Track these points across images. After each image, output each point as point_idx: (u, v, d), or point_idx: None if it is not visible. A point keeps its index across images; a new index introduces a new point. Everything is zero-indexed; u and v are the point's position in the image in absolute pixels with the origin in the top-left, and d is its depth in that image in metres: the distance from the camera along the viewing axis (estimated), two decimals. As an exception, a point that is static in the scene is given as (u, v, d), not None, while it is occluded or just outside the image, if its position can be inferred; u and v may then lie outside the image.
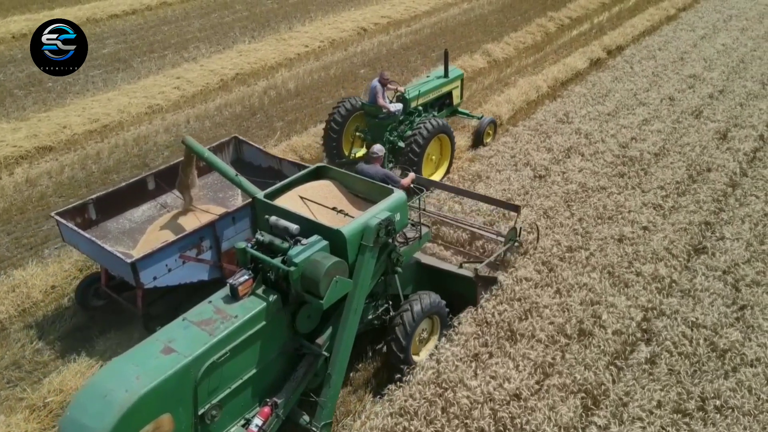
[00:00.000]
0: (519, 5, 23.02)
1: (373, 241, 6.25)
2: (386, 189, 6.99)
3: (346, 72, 16.76)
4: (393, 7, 22.13)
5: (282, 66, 17.12)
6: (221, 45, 18.70)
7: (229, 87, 15.77)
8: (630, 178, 10.82)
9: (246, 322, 5.72)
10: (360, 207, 7.11)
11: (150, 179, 8.67)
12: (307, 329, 6.33)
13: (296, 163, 9.17)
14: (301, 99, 15.17)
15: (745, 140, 12.02)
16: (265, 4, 23.10)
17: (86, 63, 17.06)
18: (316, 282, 5.74)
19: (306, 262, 5.83)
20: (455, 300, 7.77)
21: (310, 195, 7.05)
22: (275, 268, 5.96)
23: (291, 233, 6.12)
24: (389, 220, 6.36)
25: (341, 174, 7.46)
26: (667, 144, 11.96)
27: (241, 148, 9.78)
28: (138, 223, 8.49)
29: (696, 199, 10.16)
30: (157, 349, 5.42)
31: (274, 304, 5.94)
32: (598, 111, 13.37)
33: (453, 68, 12.29)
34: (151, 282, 7.17)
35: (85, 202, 8.09)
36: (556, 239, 9.12)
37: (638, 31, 19.41)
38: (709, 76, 15.22)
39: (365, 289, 6.44)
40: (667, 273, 8.42)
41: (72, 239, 7.80)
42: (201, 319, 5.70)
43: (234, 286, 5.87)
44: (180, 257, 7.38)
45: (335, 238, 6.13)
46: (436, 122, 10.50)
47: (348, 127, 11.29)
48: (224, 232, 7.77)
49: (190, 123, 13.89)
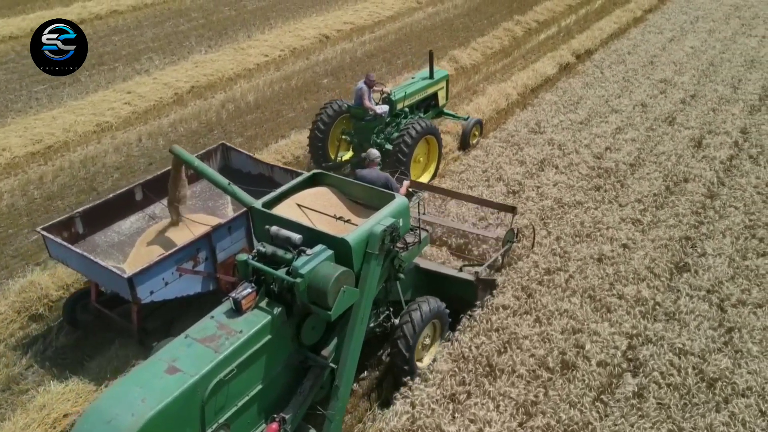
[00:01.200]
0: (485, 8, 22.79)
1: (378, 248, 6.18)
2: (388, 194, 6.90)
3: (309, 82, 16.24)
4: (356, 13, 21.67)
5: (240, 77, 16.50)
6: (176, 56, 17.99)
7: (185, 101, 15.10)
8: (606, 191, 10.55)
9: (251, 337, 5.62)
10: (360, 213, 7.03)
11: (137, 190, 8.52)
12: (312, 341, 6.26)
13: (289, 170, 9.08)
14: (261, 112, 14.60)
15: (720, 147, 11.87)
16: (222, 11, 22.42)
17: (29, 78, 16.38)
18: (324, 293, 5.65)
19: (312, 272, 5.73)
20: (455, 303, 7.65)
21: (307, 203, 6.92)
22: (280, 280, 5.87)
23: (294, 243, 6.00)
24: (394, 226, 6.30)
25: (338, 180, 7.35)
26: (642, 153, 11.74)
27: (228, 155, 9.61)
28: (127, 236, 8.37)
29: (675, 212, 9.92)
30: (161, 369, 5.27)
31: (278, 317, 5.85)
32: (571, 119, 13.11)
33: (438, 69, 12.29)
34: (148, 297, 7.05)
35: (72, 216, 7.91)
36: (534, 261, 8.77)
37: (606, 34, 19.31)
38: (680, 80, 15.12)
39: (371, 298, 6.36)
40: (650, 295, 8.12)
41: (60, 255, 7.60)
42: (204, 336, 5.57)
43: (237, 299, 5.75)
44: (177, 270, 7.29)
45: (340, 247, 6.03)
46: (423, 124, 10.45)
47: (334, 131, 11.20)
48: (220, 242, 7.70)
49: (142, 141, 13.21)
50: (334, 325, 6.32)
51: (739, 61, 16.31)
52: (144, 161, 12.44)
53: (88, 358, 7.76)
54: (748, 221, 9.70)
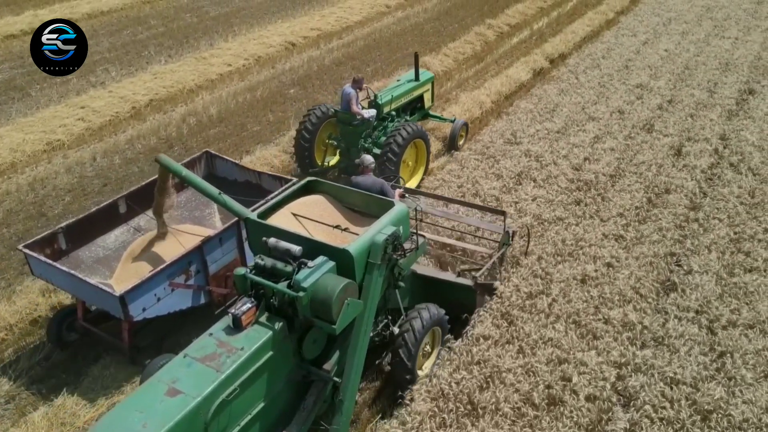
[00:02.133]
0: (455, 12, 22.50)
1: (380, 258, 6.10)
2: (386, 202, 6.83)
3: (274, 93, 15.70)
4: (323, 18, 21.19)
5: (202, 89, 15.88)
6: (133, 66, 17.29)
7: (143, 115, 14.44)
8: (587, 205, 10.22)
9: (253, 354, 5.50)
10: (356, 221, 6.96)
11: (121, 202, 8.41)
12: (314, 355, 6.17)
13: (277, 176, 8.99)
14: (225, 126, 14.02)
15: (700, 155, 11.66)
16: (183, 18, 21.73)
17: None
18: (328, 307, 5.55)
19: (315, 285, 5.63)
20: (454, 309, 7.56)
21: (303, 211, 6.81)
22: (280, 294, 5.78)
23: (293, 255, 5.89)
24: (395, 234, 6.23)
25: (333, 187, 7.26)
26: (622, 164, 11.47)
27: (213, 162, 9.50)
28: (112, 250, 8.22)
29: (658, 226, 9.63)
30: (162, 392, 5.13)
31: (280, 332, 5.74)
32: (547, 129, 12.80)
33: (423, 71, 12.31)
34: (140, 314, 6.91)
35: (55, 232, 7.73)
36: (515, 284, 8.36)
37: (579, 37, 19.14)
38: (656, 85, 14.95)
39: (374, 309, 6.27)
40: (637, 318, 7.79)
41: (44, 273, 7.42)
42: (204, 354, 5.43)
43: (237, 315, 5.63)
44: (169, 285, 7.16)
45: (342, 258, 5.91)
46: (411, 127, 10.40)
47: (319, 136, 11.15)
48: (211, 254, 7.60)
49: (96, 160, 12.53)
50: (335, 338, 6.20)
51: (713, 64, 16.22)
52: (98, 182, 11.78)
53: (77, 377, 7.59)
54: (733, 234, 9.45)
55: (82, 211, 10.69)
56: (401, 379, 6.90)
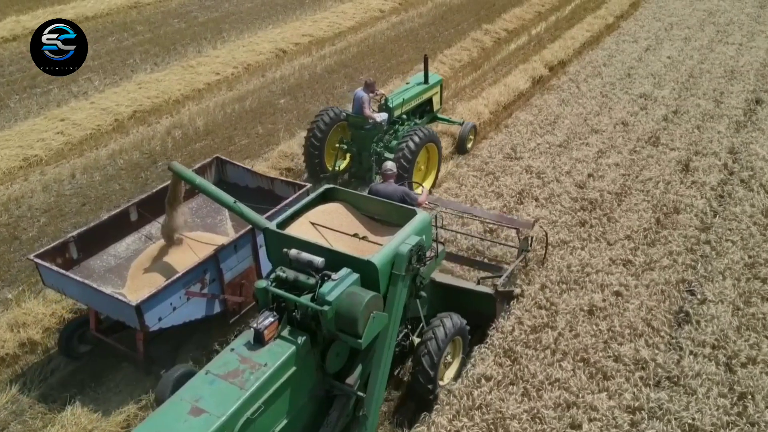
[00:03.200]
0: (451, 17, 21.98)
1: (405, 269, 5.96)
2: (408, 210, 6.71)
3: (264, 103, 15.14)
4: (315, 24, 20.62)
5: (189, 99, 15.30)
6: (118, 75, 16.70)
7: (126, 128, 13.86)
8: (593, 226, 9.72)
9: (277, 370, 5.40)
10: (376, 230, 6.87)
11: (132, 210, 8.31)
12: (337, 368, 6.05)
13: (290, 182, 8.93)
14: (212, 139, 13.46)
15: (709, 171, 11.17)
16: (171, 24, 21.14)
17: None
18: (354, 321, 5.42)
19: (340, 299, 5.50)
20: (473, 317, 7.38)
21: (321, 220, 6.71)
22: (304, 307, 5.66)
23: (316, 267, 5.78)
24: (420, 245, 6.10)
25: (351, 195, 7.18)
26: (628, 180, 10.96)
27: (224, 168, 9.41)
28: (123, 259, 8.13)
29: (668, 250, 9.13)
30: (185, 411, 5.02)
31: (303, 346, 5.63)
32: (548, 142, 12.29)
33: (432, 74, 12.34)
34: (156, 324, 6.81)
35: (66, 241, 7.63)
36: (517, 316, 7.85)
37: (579, 43, 18.64)
38: (660, 94, 14.46)
39: (398, 321, 6.17)
40: (649, 355, 7.27)
41: (56, 283, 7.31)
42: (227, 371, 5.33)
43: (259, 330, 5.51)
44: (186, 294, 7.06)
45: (366, 270, 5.79)
46: (424, 131, 10.33)
47: (329, 140, 11.01)
48: (226, 262, 7.50)
49: (75, 177, 11.95)
50: (357, 351, 6.06)
51: (718, 72, 15.75)
52: (77, 201, 11.21)
53: (90, 389, 7.49)
54: (747, 258, 8.95)
55: (57, 234, 10.23)
56: (423, 390, 6.74)
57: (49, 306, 8.36)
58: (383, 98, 11.08)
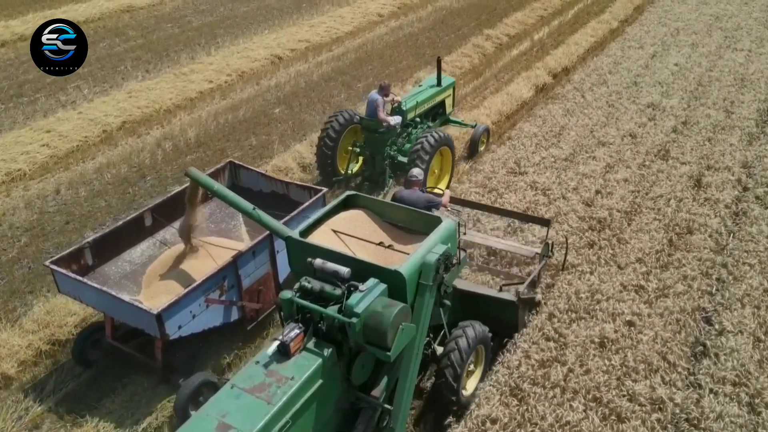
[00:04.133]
0: (451, 21, 21.50)
1: (432, 279, 5.86)
2: (433, 218, 6.64)
3: (258, 113, 14.65)
4: (312, 29, 20.14)
5: (181, 108, 14.82)
6: (108, 83, 16.20)
7: (114, 140, 13.37)
8: (602, 248, 9.24)
9: (304, 383, 5.30)
10: (399, 238, 6.81)
11: (147, 215, 8.25)
12: (362, 380, 5.98)
13: (306, 186, 8.90)
14: (204, 151, 12.98)
15: (722, 187, 10.69)
16: (164, 29, 20.64)
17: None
18: (383, 333, 5.32)
19: (368, 311, 5.39)
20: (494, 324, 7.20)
21: (342, 228, 6.62)
22: (330, 319, 5.55)
23: (342, 277, 5.70)
24: (447, 254, 6.02)
25: (373, 202, 7.13)
26: (638, 198, 10.49)
27: (237, 173, 9.38)
28: (138, 265, 8.08)
29: (682, 274, 8.65)
30: (212, 427, 4.91)
31: (329, 359, 5.54)
32: (554, 156, 11.81)
33: (445, 76, 12.29)
34: (176, 332, 6.74)
35: (81, 247, 7.54)
36: (524, 350, 7.38)
37: (583, 49, 18.18)
38: (668, 104, 13.98)
39: (425, 332, 6.09)
40: (667, 394, 6.80)
41: (72, 290, 7.21)
42: (253, 385, 5.22)
43: (285, 342, 5.40)
44: (205, 301, 7.01)
45: (393, 280, 5.69)
46: (438, 135, 10.28)
47: (341, 142, 10.93)
48: (244, 268, 7.44)
49: (60, 193, 11.46)
50: (382, 362, 5.99)
51: (728, 80, 15.28)
52: (60, 219, 10.72)
53: (106, 398, 7.36)
54: (767, 283, 8.47)
55: (38, 255, 9.75)
56: (446, 400, 6.64)
57: (25, 337, 7.90)
58: (396, 101, 10.96)
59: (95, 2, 22.22)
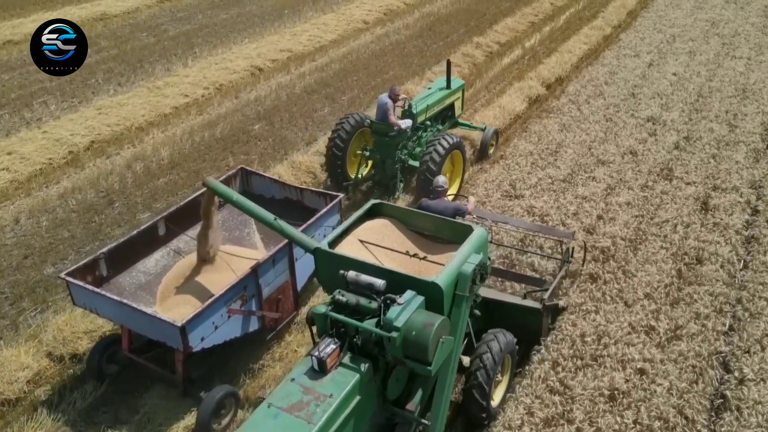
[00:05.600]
0: (439, 28, 20.86)
1: (469, 289, 5.81)
2: (464, 226, 6.55)
3: (237, 130, 13.90)
4: (294, 38, 19.40)
5: (154, 125, 14.03)
6: (77, 98, 15.38)
7: (81, 161, 12.56)
8: (606, 283, 8.58)
9: (343, 400, 5.21)
10: (427, 247, 6.76)
11: (160, 224, 8.15)
12: (397, 395, 5.94)
13: (322, 192, 8.85)
14: (177, 173, 12.20)
15: (731, 210, 10.09)
16: (139, 39, 19.81)
17: None
18: (424, 347, 5.22)
19: (408, 324, 5.28)
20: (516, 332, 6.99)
21: (369, 237, 6.55)
22: (367, 333, 5.47)
23: (377, 290, 5.59)
24: (482, 263, 5.97)
25: (399, 210, 7.08)
26: (642, 223, 9.86)
27: (249, 179, 9.31)
28: (153, 275, 7.98)
29: (695, 311, 8.02)
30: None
31: (366, 374, 5.47)
32: (551, 176, 11.16)
33: (454, 78, 12.23)
34: (199, 344, 6.61)
35: (96, 257, 7.41)
36: (527, 405, 6.71)
37: (577, 58, 17.59)
38: (668, 117, 13.39)
39: (461, 344, 6.03)
40: (687, 458, 6.15)
41: (89, 302, 7.04)
42: (290, 404, 5.13)
43: (322, 359, 5.31)
44: (228, 311, 6.90)
45: (430, 291, 5.59)
46: (449, 139, 10.19)
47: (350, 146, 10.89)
48: (265, 277, 7.34)
49: (19, 223, 10.64)
50: (414, 375, 5.99)
51: (729, 91, 14.72)
52: (18, 254, 9.90)
53: (125, 413, 7.21)
54: (787, 322, 7.86)
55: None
56: (476, 410, 6.55)
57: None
58: (407, 104, 10.92)
59: (66, 10, 21.36)
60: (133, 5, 22.34)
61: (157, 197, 11.39)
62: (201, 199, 8.24)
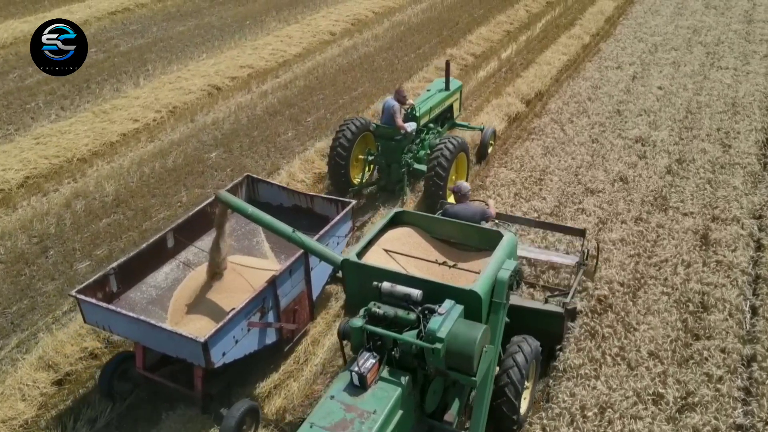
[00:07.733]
0: (410, 38, 19.97)
1: (506, 296, 5.81)
2: (493, 232, 6.62)
3: (191, 159, 12.79)
4: (255, 52, 18.31)
5: (98, 156, 12.85)
6: (13, 125, 14.14)
7: (13, 201, 11.35)
8: (605, 338, 7.71)
9: (387, 416, 5.10)
10: (452, 255, 6.76)
11: (169, 236, 8.04)
12: (434, 406, 5.91)
13: (333, 199, 8.76)
14: (123, 212, 11.06)
15: (734, 245, 9.32)
16: (88, 54, 18.46)
17: None
18: (469, 358, 5.20)
19: (451, 335, 5.23)
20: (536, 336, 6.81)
21: (393, 246, 6.55)
22: (407, 345, 5.40)
23: (414, 300, 5.57)
24: (517, 269, 5.98)
25: (423, 218, 7.08)
26: (639, 264, 9.03)
27: (255, 187, 9.25)
28: (164, 289, 7.87)
29: (706, 373, 7.17)
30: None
31: (407, 387, 5.39)
32: (537, 209, 10.29)
33: (452, 79, 12.28)
34: (220, 359, 6.48)
35: (106, 273, 7.28)
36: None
37: (556, 70, 16.82)
38: (658, 137, 12.64)
39: (498, 352, 5.99)
40: None
41: (101, 320, 6.89)
42: (333, 422, 5.01)
43: (362, 374, 5.21)
44: (248, 325, 6.79)
45: (469, 300, 5.59)
46: (455, 141, 10.17)
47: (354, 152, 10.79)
48: (282, 287, 7.25)
49: (-64, 279, 9.44)
50: (447, 386, 6.05)
51: (719, 106, 14.04)
52: (-67, 317, 8.72)
53: None
54: (808, 383, 7.06)
55: None
56: (506, 419, 6.37)
57: None
58: (410, 107, 10.92)
59: (8, 24, 20.04)
60: (82, 17, 20.98)
61: (98, 242, 10.25)
62: (209, 209, 8.33)
